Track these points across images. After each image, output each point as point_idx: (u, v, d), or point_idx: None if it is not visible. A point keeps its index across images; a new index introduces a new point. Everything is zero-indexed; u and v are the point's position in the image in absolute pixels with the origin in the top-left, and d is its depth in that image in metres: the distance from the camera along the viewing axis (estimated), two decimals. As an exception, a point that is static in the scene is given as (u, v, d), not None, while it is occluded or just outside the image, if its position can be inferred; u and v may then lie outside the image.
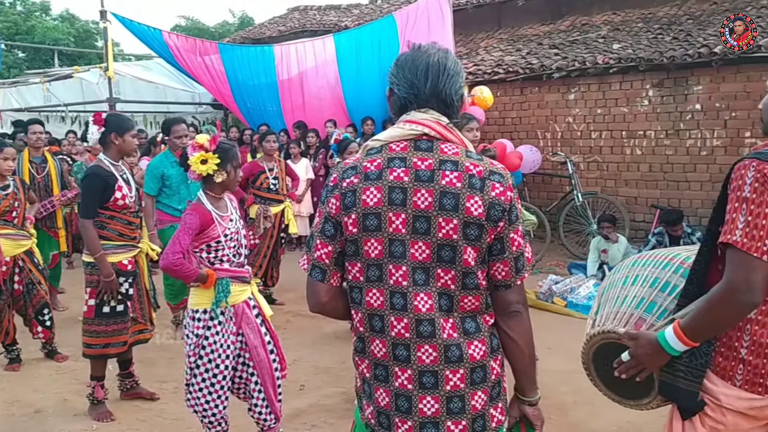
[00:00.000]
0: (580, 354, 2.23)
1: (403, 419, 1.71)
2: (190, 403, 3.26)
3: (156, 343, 4.97)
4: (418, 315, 1.66)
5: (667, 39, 8.43)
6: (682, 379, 1.88)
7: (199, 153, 3.14)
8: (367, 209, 1.68)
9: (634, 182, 8.35)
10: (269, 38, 13.85)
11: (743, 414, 1.84)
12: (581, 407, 3.97)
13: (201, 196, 3.22)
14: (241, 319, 3.24)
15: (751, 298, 1.70)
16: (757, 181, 1.71)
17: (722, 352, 1.85)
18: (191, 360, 3.20)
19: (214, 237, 3.14)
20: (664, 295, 2.07)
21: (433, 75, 1.70)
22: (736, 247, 1.71)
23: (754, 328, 1.80)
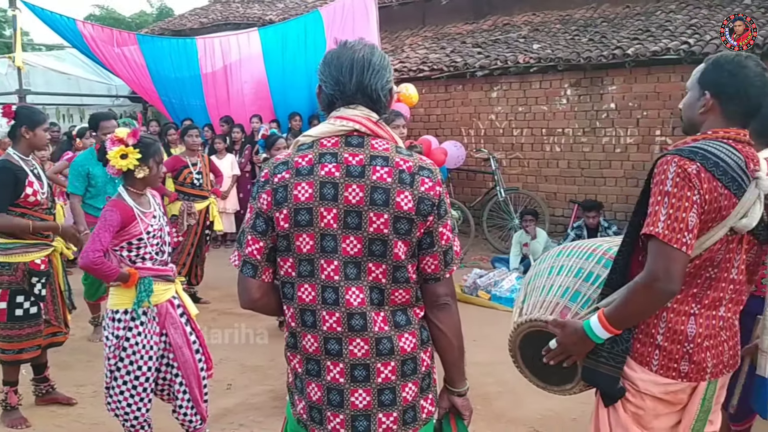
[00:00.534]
0: (508, 341, 2.28)
1: (335, 413, 1.72)
2: (110, 407, 3.15)
3: (72, 346, 4.77)
4: (350, 309, 1.68)
5: (583, 40, 8.76)
6: (604, 364, 1.96)
7: (119, 147, 3.03)
8: (299, 204, 1.68)
9: (553, 178, 8.65)
10: (190, 30, 13.49)
11: (660, 399, 1.94)
12: (505, 397, 4.10)
13: (122, 192, 3.10)
14: (164, 319, 3.15)
15: (670, 286, 1.79)
16: (678, 176, 1.80)
17: (640, 339, 1.94)
18: (111, 362, 3.08)
19: (135, 234, 3.04)
20: (587, 285, 2.15)
21: (358, 71, 1.71)
22: (657, 239, 1.79)
23: (670, 316, 1.91)
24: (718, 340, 1.94)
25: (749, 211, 1.84)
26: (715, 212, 1.82)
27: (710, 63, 1.99)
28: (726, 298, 1.94)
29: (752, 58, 1.96)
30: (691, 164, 1.81)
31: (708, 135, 1.92)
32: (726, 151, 1.86)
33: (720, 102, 1.93)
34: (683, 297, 1.90)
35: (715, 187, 1.80)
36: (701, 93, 1.97)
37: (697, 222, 1.79)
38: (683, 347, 1.90)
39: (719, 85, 1.93)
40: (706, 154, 1.83)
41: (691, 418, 1.97)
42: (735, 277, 1.93)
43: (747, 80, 1.90)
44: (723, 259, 1.89)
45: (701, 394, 1.95)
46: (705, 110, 1.96)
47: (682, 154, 1.84)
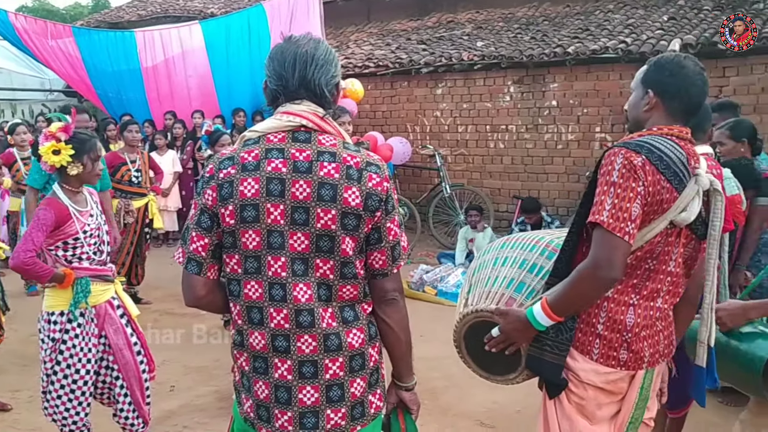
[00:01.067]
0: (453, 332, 2.30)
1: (283, 410, 1.70)
2: (47, 412, 3.03)
3: (6, 349, 4.57)
4: (298, 305, 1.66)
5: (525, 38, 8.92)
6: (549, 353, 2.00)
7: (51, 143, 2.90)
8: (245, 200, 1.65)
9: (497, 174, 8.78)
10: (128, 23, 13.13)
11: (601, 389, 2.00)
12: (451, 391, 4.14)
13: (56, 189, 2.97)
14: (103, 321, 3.04)
15: (611, 274, 1.84)
16: (624, 168, 1.85)
17: (581, 328, 1.99)
18: (47, 366, 2.96)
19: (71, 234, 2.91)
20: (531, 276, 2.19)
21: (301, 66, 1.70)
22: (602, 227, 1.84)
23: (610, 306, 1.96)
24: (654, 329, 2.00)
25: (688, 205, 1.90)
26: (657, 205, 1.88)
27: (652, 64, 2.06)
28: (663, 289, 2.00)
29: (690, 58, 2.04)
30: (637, 156, 1.86)
31: (653, 131, 1.98)
32: (669, 146, 1.92)
33: (663, 100, 2.00)
34: (623, 287, 1.96)
35: (658, 180, 1.86)
36: (645, 92, 2.03)
37: (640, 213, 1.84)
38: (622, 336, 1.95)
39: (660, 83, 2.00)
40: (651, 148, 1.89)
41: (630, 407, 2.03)
42: (672, 269, 1.99)
43: (687, 79, 1.97)
44: (662, 252, 1.95)
45: (639, 382, 2.01)
46: (649, 108, 2.02)
47: (629, 147, 1.89)
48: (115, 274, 3.21)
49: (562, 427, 2.04)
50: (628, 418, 2.04)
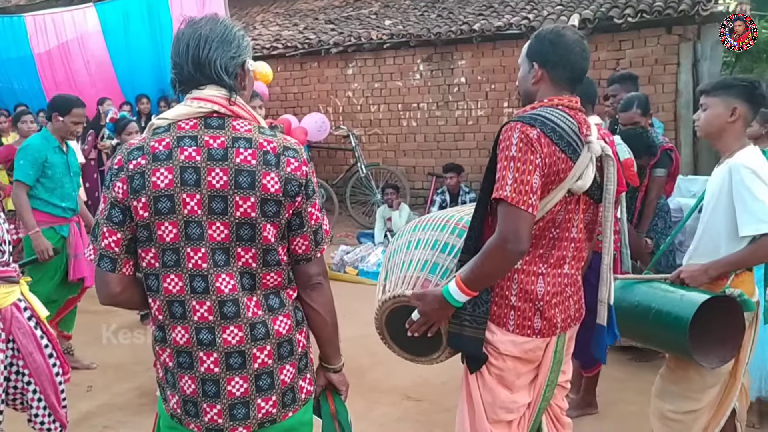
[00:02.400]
0: (374, 320, 2.33)
1: (212, 404, 1.67)
2: None
3: None
4: (221, 296, 1.63)
5: (432, 16, 9.01)
6: (468, 327, 2.06)
7: None
8: (158, 191, 1.59)
9: (411, 152, 8.88)
10: (17, 7, 12.28)
11: (519, 358, 2.08)
12: (377, 368, 4.19)
13: None
14: (10, 325, 2.87)
15: (519, 246, 1.90)
16: (521, 141, 1.91)
17: (496, 302, 2.05)
18: None
19: None
20: (444, 256, 2.24)
21: (194, 49, 1.64)
22: (506, 202, 1.89)
23: (521, 277, 2.03)
24: (564, 296, 2.09)
25: (583, 173, 1.99)
26: (554, 175, 1.94)
27: (534, 36, 2.14)
28: (569, 256, 2.08)
29: (569, 28, 2.13)
30: (532, 130, 1.92)
31: (544, 102, 2.05)
32: (561, 117, 1.99)
33: (547, 71, 2.07)
34: (531, 258, 2.02)
35: (554, 152, 1.93)
36: (530, 65, 2.11)
37: (540, 184, 1.91)
38: (534, 305, 2.03)
39: (543, 54, 2.08)
40: (545, 121, 1.95)
41: (546, 371, 2.12)
42: (575, 235, 2.08)
43: (567, 47, 2.05)
44: (563, 220, 2.03)
45: (553, 347, 2.10)
46: (536, 80, 2.09)
47: (523, 121, 1.95)
48: (20, 275, 3.04)
49: (484, 398, 2.11)
50: (545, 382, 2.13)
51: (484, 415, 2.10)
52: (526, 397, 2.13)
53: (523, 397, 2.12)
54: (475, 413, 2.12)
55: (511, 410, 2.10)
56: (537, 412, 2.18)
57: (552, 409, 2.24)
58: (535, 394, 2.15)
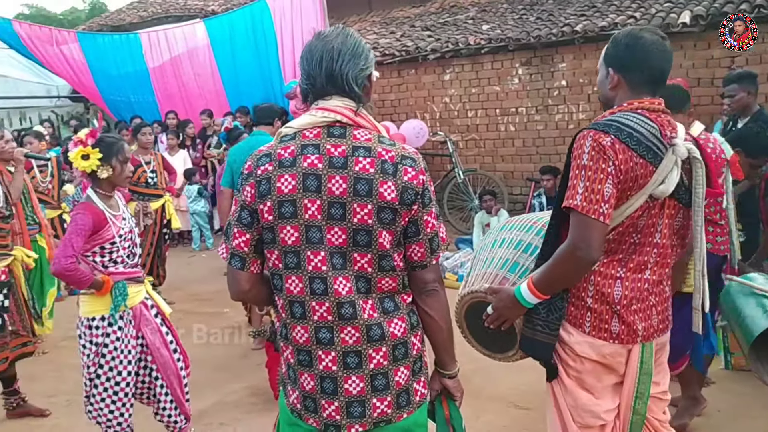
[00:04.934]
0: (454, 313, 2.35)
1: (330, 401, 1.73)
2: (92, 415, 3.07)
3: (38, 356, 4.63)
4: (339, 298, 1.68)
5: (531, 19, 8.87)
6: (541, 332, 2.07)
7: (79, 148, 2.93)
8: (282, 196, 1.67)
9: (509, 157, 8.76)
10: (130, 25, 13.14)
11: (598, 362, 2.04)
12: (480, 375, 4.15)
13: (91, 194, 2.99)
14: (139, 322, 3.08)
15: (589, 254, 1.89)
16: (594, 150, 1.89)
17: (573, 302, 2.04)
18: (90, 370, 3.00)
19: (108, 238, 2.93)
20: (525, 256, 2.26)
21: (327, 62, 1.71)
22: (576, 210, 1.88)
23: (597, 279, 2.01)
24: (647, 303, 2.04)
25: (666, 177, 1.93)
26: (632, 181, 1.91)
27: (610, 41, 2.10)
28: (651, 261, 2.03)
29: (648, 29, 2.06)
30: (605, 137, 1.90)
31: (623, 107, 2.01)
32: (639, 121, 1.95)
33: (623, 76, 2.03)
34: (609, 261, 2.00)
35: (630, 157, 1.89)
36: (607, 70, 2.08)
37: (614, 192, 1.88)
38: (611, 308, 2.00)
39: (619, 59, 2.04)
40: (620, 126, 1.92)
41: (632, 382, 2.06)
42: (659, 241, 2.02)
43: (644, 50, 2.00)
44: (646, 225, 1.99)
45: (637, 356, 2.04)
46: (613, 86, 2.06)
47: (597, 128, 1.93)
48: (144, 275, 3.25)
49: (567, 402, 2.10)
50: (632, 392, 2.07)
51: (571, 420, 2.09)
52: (611, 403, 2.08)
53: (607, 402, 2.08)
54: (564, 419, 2.11)
55: (597, 415, 2.07)
56: (630, 426, 2.12)
57: (651, 423, 2.16)
58: (623, 404, 2.09)
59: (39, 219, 5.27)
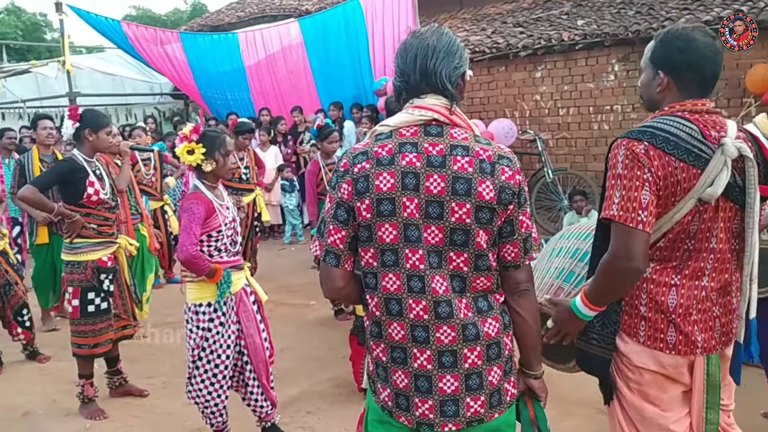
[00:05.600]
0: None
1: (423, 399, 1.74)
2: (191, 395, 3.25)
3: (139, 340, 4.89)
4: (436, 297, 1.69)
5: (630, 13, 8.54)
6: (596, 346, 2.03)
7: (184, 144, 3.10)
8: (381, 194, 1.69)
9: (602, 156, 8.37)
10: (228, 25, 13.62)
11: (658, 373, 1.96)
12: (567, 378, 4.00)
13: (198, 185, 3.17)
14: (239, 308, 3.24)
15: (631, 264, 1.84)
16: (627, 158, 1.85)
17: (627, 311, 1.99)
18: (194, 353, 3.18)
19: (215, 227, 3.11)
20: (581, 265, 2.23)
21: (422, 59, 1.72)
22: (614, 220, 1.85)
23: (650, 287, 1.94)
24: (709, 314, 1.95)
25: (715, 179, 1.85)
26: (674, 186, 1.85)
27: (659, 40, 2.00)
28: (708, 267, 1.95)
29: (699, 28, 1.96)
30: (638, 144, 1.86)
31: (664, 111, 1.96)
32: (677, 124, 1.88)
33: (674, 78, 1.96)
34: (662, 269, 1.94)
35: (668, 162, 1.83)
36: (655, 72, 2.00)
37: (652, 199, 1.83)
38: (666, 317, 1.93)
39: (670, 61, 1.96)
40: (654, 132, 1.87)
41: (701, 393, 1.98)
42: (715, 246, 1.94)
43: (697, 53, 1.92)
44: (699, 230, 1.91)
45: (702, 369, 1.96)
46: (661, 89, 1.99)
47: (630, 136, 1.89)
48: (244, 262, 3.39)
49: (633, 417, 2.03)
50: (702, 404, 1.99)
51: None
52: (680, 414, 1.99)
53: (675, 413, 1.99)
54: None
55: (665, 428, 1.99)
56: None
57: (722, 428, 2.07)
58: (695, 417, 2.00)
59: (141, 209, 5.60)
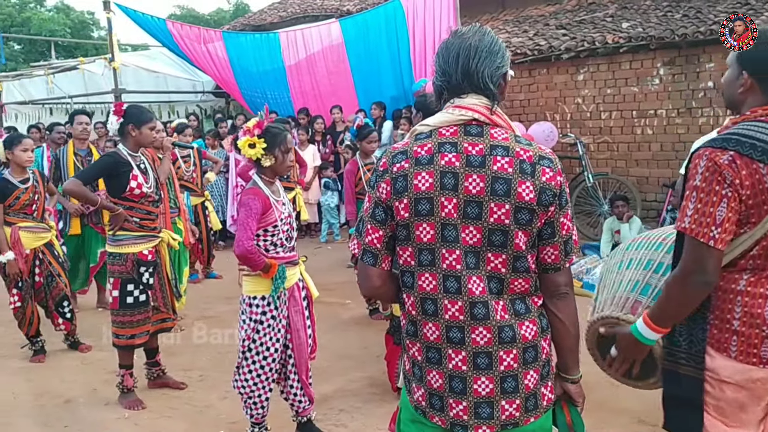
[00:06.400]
0: (585, 341, 2.26)
1: (458, 400, 1.72)
2: (236, 385, 3.30)
3: (176, 333, 4.98)
4: (472, 298, 1.68)
5: (677, 16, 8.37)
6: (685, 365, 1.95)
7: (247, 137, 3.15)
8: (419, 194, 1.69)
9: (645, 162, 8.33)
10: (270, 24, 13.76)
11: (742, 388, 1.87)
12: (604, 386, 3.96)
13: (256, 180, 3.21)
14: (290, 303, 3.27)
15: (703, 278, 1.79)
16: (708, 170, 1.79)
17: (716, 325, 1.90)
18: (245, 344, 3.23)
19: (271, 222, 3.14)
20: (657, 276, 2.13)
21: (464, 59, 1.70)
22: (687, 234, 1.80)
23: (745, 300, 1.85)
24: None
25: None
26: (764, 193, 1.77)
27: None
28: None
29: None
30: (722, 154, 1.79)
31: (747, 116, 1.88)
32: (763, 129, 1.81)
33: (758, 80, 1.89)
34: (756, 279, 1.85)
35: (756, 170, 1.76)
36: (739, 72, 1.93)
37: (729, 216, 1.77)
38: (762, 331, 1.84)
39: (758, 62, 1.90)
40: (740, 139, 1.79)
41: None
42: None
43: None
44: None
45: None
46: (744, 90, 1.92)
47: (714, 145, 1.82)
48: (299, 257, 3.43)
49: None
50: None
51: None
52: None
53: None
54: None
55: None
56: None
57: None
58: None
59: (179, 203, 5.72)
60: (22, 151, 4.65)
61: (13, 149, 4.65)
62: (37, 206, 4.81)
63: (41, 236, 4.85)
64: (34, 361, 4.87)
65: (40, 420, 3.95)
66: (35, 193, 4.78)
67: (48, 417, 3.98)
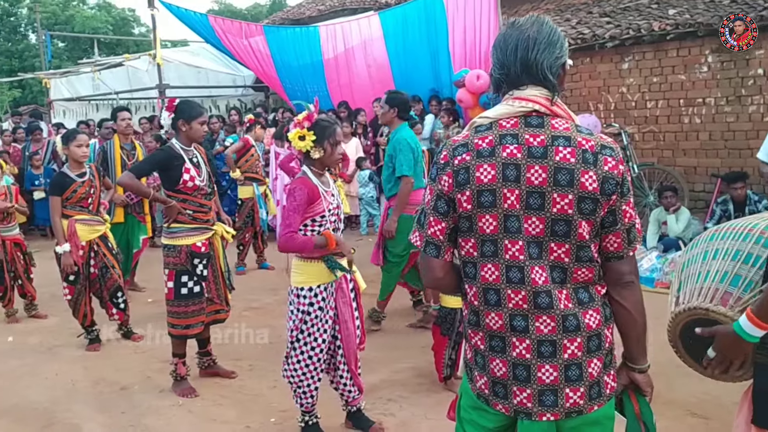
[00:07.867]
0: (667, 332, 2.23)
1: (522, 388, 1.73)
2: (286, 374, 3.36)
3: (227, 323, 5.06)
4: (535, 287, 1.69)
5: (725, 2, 8.14)
6: None
7: (297, 129, 3.20)
8: (482, 186, 1.70)
9: (692, 151, 8.15)
10: (309, 18, 13.83)
11: None
12: (657, 378, 3.85)
13: (306, 170, 3.26)
14: (338, 294, 3.31)
15: None
16: None
17: None
18: (293, 334, 3.28)
19: (319, 212, 3.19)
20: (747, 267, 2.06)
21: (522, 51, 1.70)
22: None
23: None
24: None
25: None
26: None
27: None
28: None
29: None
30: None
31: None
32: None
33: None
34: None
35: None
36: None
37: None
38: None
39: None
40: None
41: None
42: None
43: None
44: None
45: None
46: None
47: None
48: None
49: None
50: None
51: None
52: None
53: None
54: None
55: None
56: None
57: None
58: None
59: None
60: (77, 147, 4.80)
61: (69, 145, 4.81)
62: (92, 200, 4.95)
63: (96, 229, 4.99)
64: (89, 350, 5.04)
65: (98, 407, 4.07)
66: (91, 187, 4.93)
67: (106, 404, 4.11)
